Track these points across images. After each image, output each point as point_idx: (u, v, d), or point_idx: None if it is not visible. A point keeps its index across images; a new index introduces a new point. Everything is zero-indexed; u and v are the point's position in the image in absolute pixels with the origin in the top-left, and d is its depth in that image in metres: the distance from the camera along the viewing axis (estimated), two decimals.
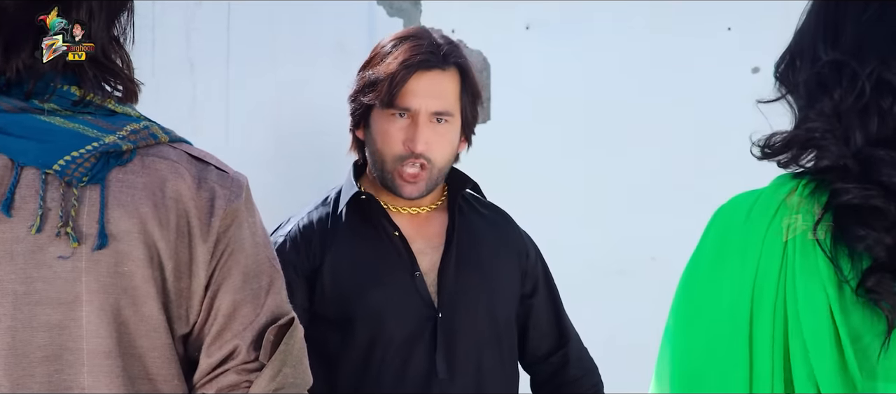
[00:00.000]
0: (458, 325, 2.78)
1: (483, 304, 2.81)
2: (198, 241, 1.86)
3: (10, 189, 1.84)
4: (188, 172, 1.89)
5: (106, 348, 1.83)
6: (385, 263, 2.80)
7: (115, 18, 1.93)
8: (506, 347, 2.84)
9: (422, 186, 2.79)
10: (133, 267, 1.83)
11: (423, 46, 2.79)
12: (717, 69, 3.70)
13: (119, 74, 1.92)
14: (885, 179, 1.57)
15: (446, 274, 2.79)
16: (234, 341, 1.87)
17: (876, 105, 1.60)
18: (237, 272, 1.89)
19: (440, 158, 2.79)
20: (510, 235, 2.91)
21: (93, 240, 1.83)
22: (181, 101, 3.66)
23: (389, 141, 2.77)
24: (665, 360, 1.65)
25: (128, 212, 1.84)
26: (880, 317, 1.57)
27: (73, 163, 1.85)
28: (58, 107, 1.88)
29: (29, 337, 1.83)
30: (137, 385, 1.85)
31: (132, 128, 1.89)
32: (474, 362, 2.78)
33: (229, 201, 1.89)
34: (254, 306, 1.89)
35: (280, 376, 1.88)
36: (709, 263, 1.66)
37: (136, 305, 1.84)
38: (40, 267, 1.83)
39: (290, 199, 3.40)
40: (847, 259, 1.58)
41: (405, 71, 2.75)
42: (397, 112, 2.76)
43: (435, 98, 2.77)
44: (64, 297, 1.83)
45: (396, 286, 2.78)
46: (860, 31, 1.63)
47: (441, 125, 2.77)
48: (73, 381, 1.83)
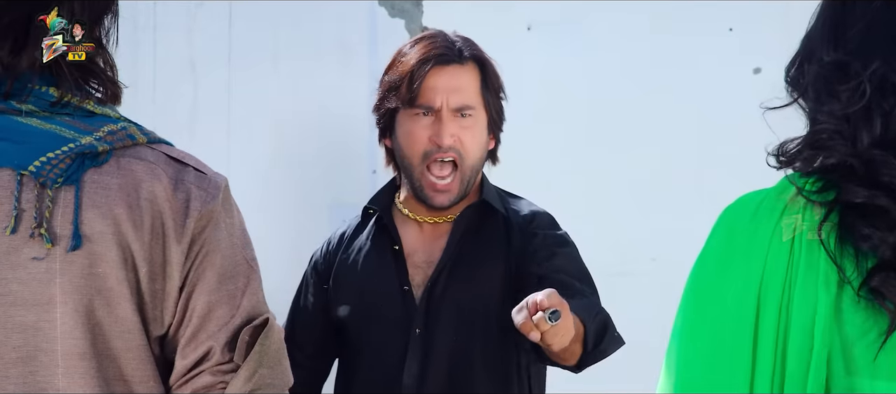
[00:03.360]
0: (434, 342, 2.77)
1: (465, 323, 2.78)
2: (172, 242, 1.85)
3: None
4: (165, 174, 1.88)
5: (80, 350, 1.83)
6: (379, 275, 2.82)
7: (98, 20, 1.92)
8: (503, 362, 2.80)
9: (454, 189, 2.78)
10: (107, 268, 1.83)
11: (439, 42, 2.81)
12: (718, 70, 3.70)
13: (100, 76, 1.92)
14: (885, 179, 1.58)
15: (434, 291, 2.78)
16: (208, 343, 1.86)
17: (879, 106, 1.60)
18: (212, 273, 1.87)
19: (470, 154, 2.78)
20: (514, 243, 2.83)
21: (67, 241, 1.82)
22: (183, 101, 3.67)
23: (415, 140, 2.77)
24: (671, 360, 1.65)
25: (102, 213, 1.83)
26: (882, 316, 1.57)
27: (48, 164, 1.84)
28: (35, 108, 1.87)
29: (3, 338, 1.82)
30: (113, 386, 1.85)
31: (109, 129, 1.88)
32: (445, 382, 2.76)
33: (205, 203, 1.88)
34: (229, 307, 1.88)
35: (256, 376, 1.87)
36: (715, 264, 1.65)
37: (110, 306, 1.84)
38: (15, 268, 1.82)
39: (291, 198, 3.41)
40: (852, 259, 1.58)
41: (422, 67, 2.76)
42: (421, 110, 2.77)
43: (455, 92, 2.77)
44: (38, 298, 1.82)
45: (384, 298, 2.80)
46: (865, 32, 1.63)
47: (466, 120, 2.78)
48: (48, 382, 1.82)
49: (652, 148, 3.71)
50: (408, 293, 2.79)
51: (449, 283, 2.79)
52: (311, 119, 3.72)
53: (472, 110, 2.79)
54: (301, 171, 3.71)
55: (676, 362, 1.64)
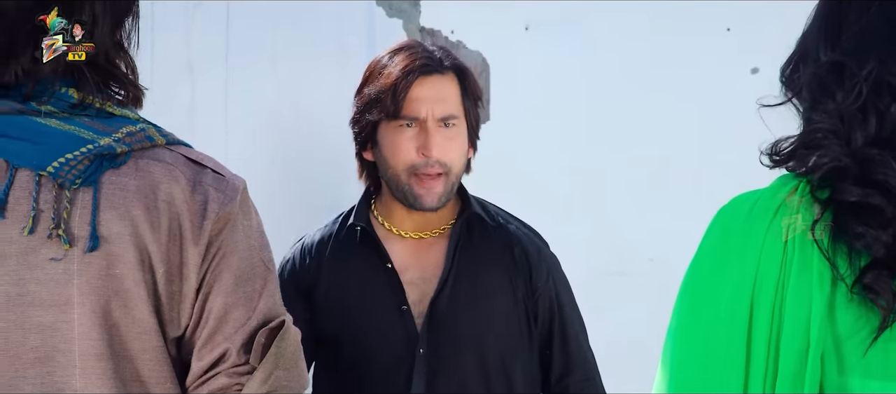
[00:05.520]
0: (440, 362, 2.74)
1: (471, 343, 2.75)
2: (189, 244, 1.86)
3: (4, 191, 1.84)
4: (183, 175, 1.88)
5: (98, 351, 1.83)
6: (373, 293, 2.77)
7: (119, 22, 1.93)
8: (502, 382, 2.77)
9: (440, 192, 2.74)
10: (124, 269, 1.83)
11: (419, 53, 2.77)
12: (716, 70, 3.71)
13: (121, 79, 1.92)
14: (880, 178, 1.58)
15: (436, 310, 2.75)
16: (224, 345, 1.87)
17: (874, 106, 1.60)
18: (228, 275, 1.88)
19: (455, 164, 2.75)
20: (518, 265, 2.82)
21: (84, 242, 1.83)
22: (180, 102, 3.67)
23: (401, 152, 2.73)
24: (666, 360, 1.66)
25: (119, 214, 1.84)
26: (874, 314, 1.57)
27: (66, 165, 1.85)
28: (55, 109, 1.88)
29: (21, 338, 1.83)
30: (129, 387, 1.85)
31: (128, 130, 1.89)
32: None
33: (223, 205, 1.88)
34: (246, 308, 1.88)
35: (272, 378, 1.87)
36: (709, 264, 1.66)
37: (127, 307, 1.84)
38: (33, 268, 1.83)
39: (289, 199, 3.41)
40: (845, 257, 1.59)
41: (407, 78, 2.72)
42: (405, 122, 2.73)
43: (439, 102, 2.74)
44: (56, 299, 1.83)
45: (382, 318, 2.76)
46: (861, 32, 1.64)
47: (450, 129, 2.75)
48: (65, 383, 1.83)
49: (649, 148, 3.71)
50: (406, 313, 2.75)
51: (451, 300, 2.76)
52: (309, 119, 3.72)
53: (456, 120, 2.76)
54: (298, 171, 3.71)
55: (671, 362, 1.65)
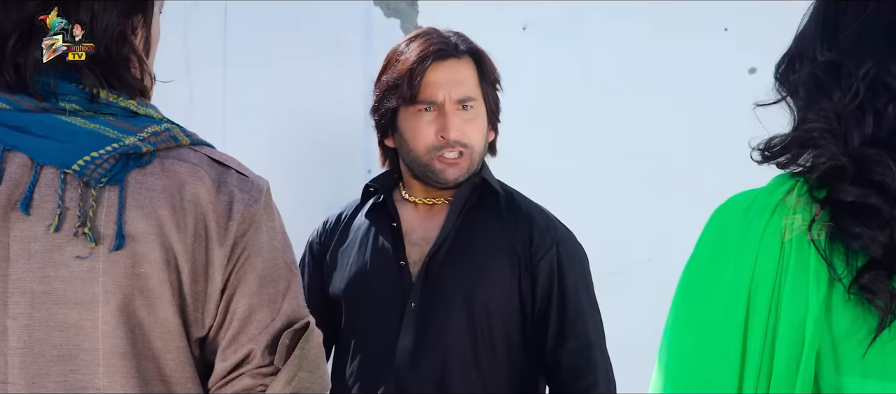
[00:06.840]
0: (429, 318, 2.80)
1: (460, 296, 2.80)
2: (214, 244, 1.86)
3: (29, 188, 1.84)
4: (208, 176, 1.88)
5: (121, 349, 1.83)
6: (376, 250, 2.86)
7: (126, 15, 1.93)
8: (493, 344, 2.81)
9: (463, 167, 2.83)
10: (149, 269, 1.83)
11: (434, 38, 2.86)
12: (714, 70, 3.71)
13: (122, 72, 1.92)
14: (877, 177, 1.58)
15: (432, 265, 2.82)
16: (249, 345, 1.87)
17: (871, 106, 1.60)
18: (253, 276, 1.88)
19: (476, 144, 2.84)
20: (520, 229, 2.87)
21: (110, 241, 1.83)
22: (178, 101, 3.67)
23: (421, 135, 2.82)
24: (662, 360, 1.66)
25: (145, 214, 1.84)
26: (872, 315, 1.57)
27: (92, 163, 1.85)
28: (79, 107, 1.88)
29: (45, 336, 1.83)
30: (152, 386, 1.85)
31: (153, 130, 1.89)
32: (440, 357, 2.78)
33: (248, 205, 1.89)
34: (270, 310, 1.89)
35: (295, 380, 1.88)
36: (705, 263, 1.66)
37: (152, 307, 1.84)
38: (58, 266, 1.83)
39: (287, 198, 3.40)
40: (842, 258, 1.59)
41: (422, 63, 2.81)
42: (423, 106, 2.82)
43: (456, 86, 2.83)
44: (81, 297, 1.83)
45: (381, 273, 2.84)
46: (858, 32, 1.63)
47: (468, 112, 2.83)
48: (88, 381, 1.83)
49: (647, 148, 3.71)
50: (404, 269, 2.83)
51: (447, 258, 2.83)
52: (307, 119, 3.72)
53: (473, 102, 2.84)
54: (296, 170, 3.71)
55: (667, 361, 1.65)
